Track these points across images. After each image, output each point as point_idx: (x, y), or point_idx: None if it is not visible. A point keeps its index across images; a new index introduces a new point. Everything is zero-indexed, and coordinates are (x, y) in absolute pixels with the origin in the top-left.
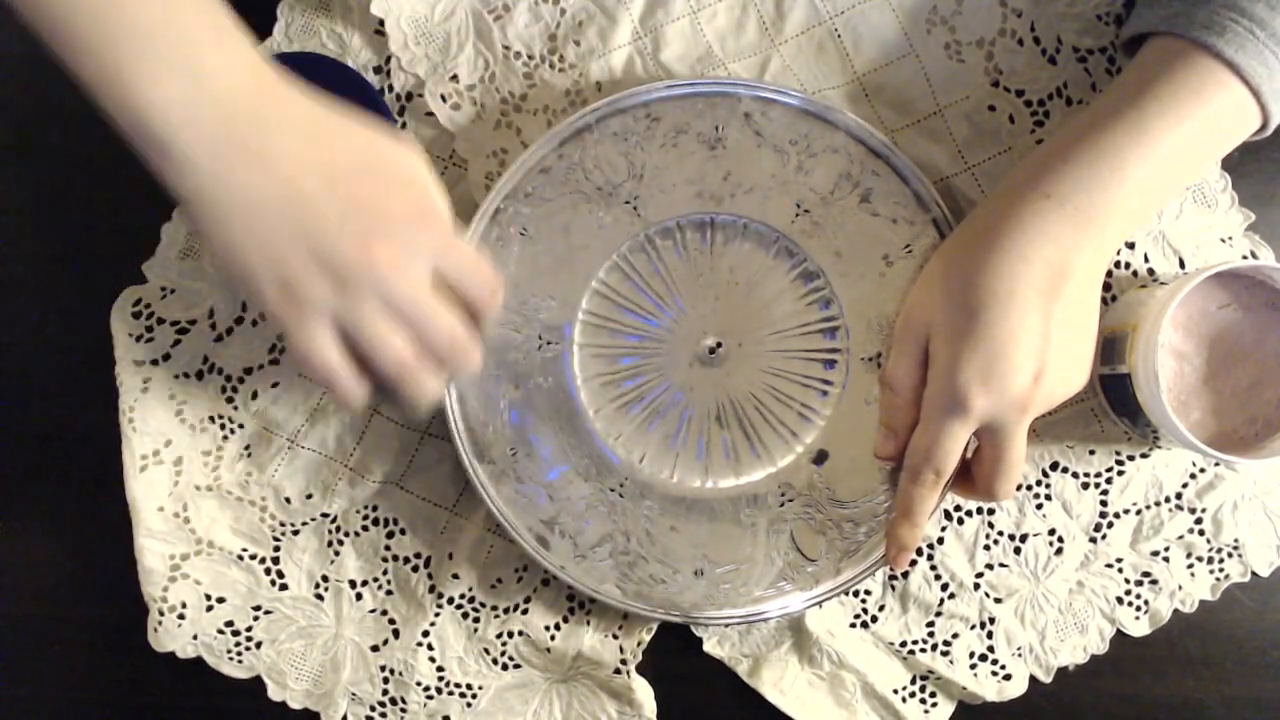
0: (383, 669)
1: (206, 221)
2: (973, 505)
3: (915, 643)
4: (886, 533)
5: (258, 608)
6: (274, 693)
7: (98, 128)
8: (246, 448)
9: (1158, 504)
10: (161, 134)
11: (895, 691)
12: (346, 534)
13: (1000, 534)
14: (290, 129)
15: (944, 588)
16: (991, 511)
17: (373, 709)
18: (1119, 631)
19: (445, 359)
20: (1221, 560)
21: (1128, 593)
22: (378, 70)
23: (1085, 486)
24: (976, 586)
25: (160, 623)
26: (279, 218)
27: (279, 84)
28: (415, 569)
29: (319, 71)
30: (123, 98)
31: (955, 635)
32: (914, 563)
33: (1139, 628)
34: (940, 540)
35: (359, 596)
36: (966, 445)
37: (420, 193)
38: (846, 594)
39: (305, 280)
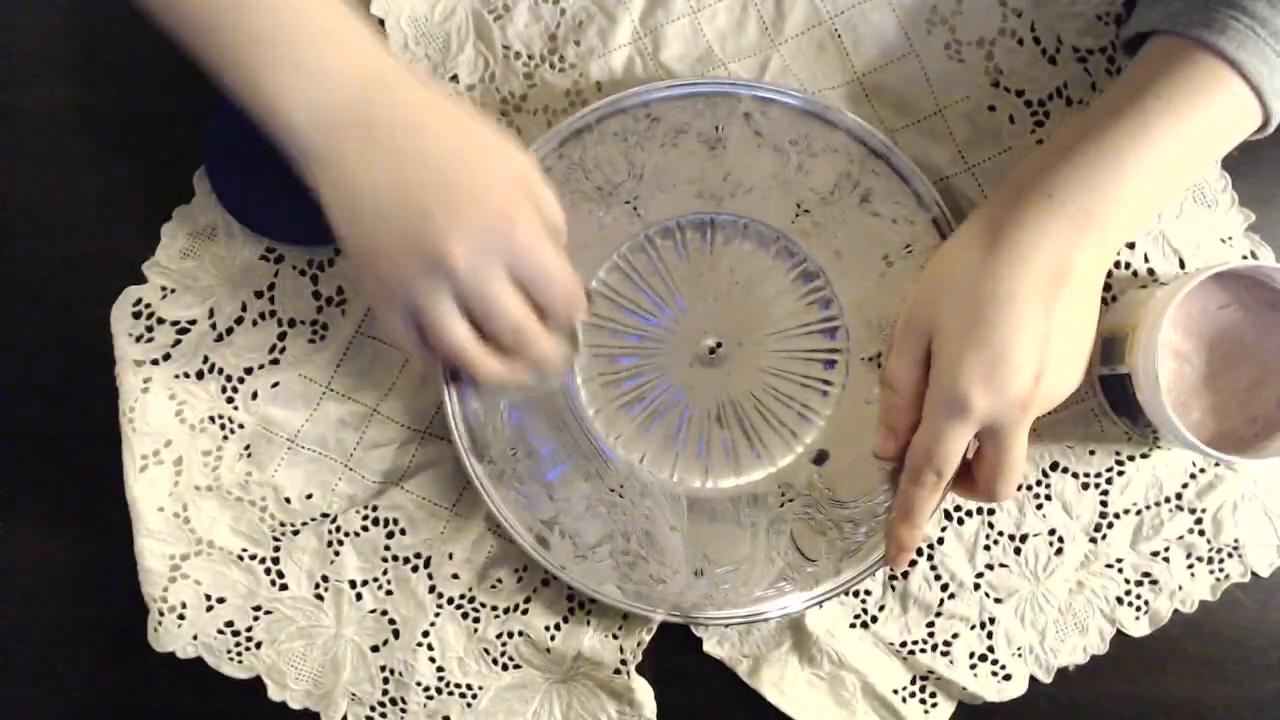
0: (383, 669)
1: (332, 215)
2: (973, 505)
3: (915, 643)
4: (886, 533)
5: (258, 608)
6: (274, 693)
7: (97, 128)
8: (246, 448)
9: (1158, 504)
10: (292, 132)
11: (895, 692)
12: (346, 534)
13: (1000, 534)
14: (401, 124)
15: (944, 588)
16: (991, 511)
17: (373, 709)
18: (1119, 632)
19: (512, 349)
20: (1221, 560)
21: (1128, 593)
22: None
23: (1085, 487)
24: (976, 587)
25: (160, 623)
26: (380, 215)
27: (393, 75)
28: (415, 569)
29: None
30: (255, 97)
31: (955, 635)
32: (914, 563)
33: (1139, 628)
34: (940, 540)
35: (359, 596)
36: (967, 446)
37: (510, 193)
38: (846, 594)
39: (392, 269)
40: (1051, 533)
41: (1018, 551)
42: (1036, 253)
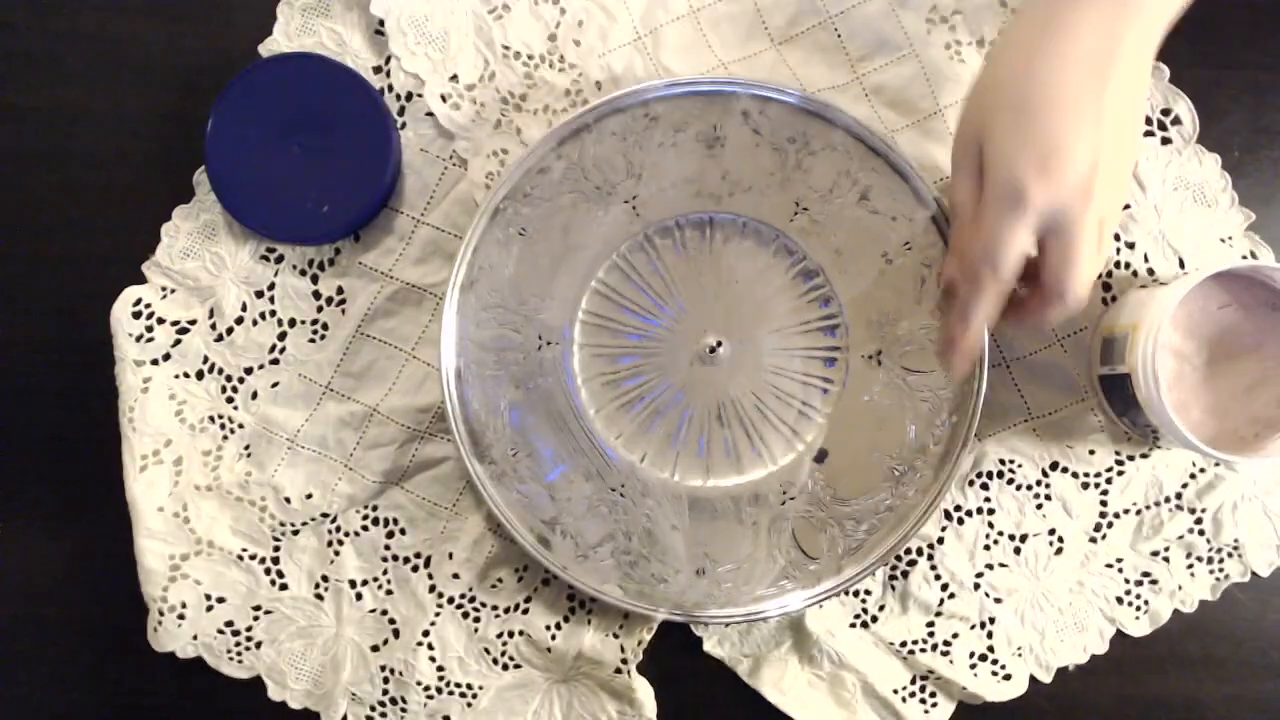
0: (383, 669)
1: None
2: (972, 505)
3: (915, 643)
4: (940, 338)
5: (257, 608)
6: (274, 693)
7: (97, 128)
8: (246, 447)
9: (1158, 504)
10: None
11: (895, 691)
12: (346, 534)
13: (1000, 534)
14: None
15: (944, 588)
16: (991, 512)
17: (373, 709)
18: (1119, 631)
19: None
20: (1221, 560)
21: (1128, 592)
22: (378, 70)
23: (1085, 486)
24: (976, 586)
25: (160, 623)
26: None
27: None
28: (415, 569)
29: (319, 71)
30: None
31: (955, 635)
32: (914, 563)
33: (1139, 628)
34: (940, 540)
35: (359, 596)
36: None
37: None
38: (847, 593)
39: None
40: (1051, 532)
41: (1018, 551)
42: (1082, 40)
